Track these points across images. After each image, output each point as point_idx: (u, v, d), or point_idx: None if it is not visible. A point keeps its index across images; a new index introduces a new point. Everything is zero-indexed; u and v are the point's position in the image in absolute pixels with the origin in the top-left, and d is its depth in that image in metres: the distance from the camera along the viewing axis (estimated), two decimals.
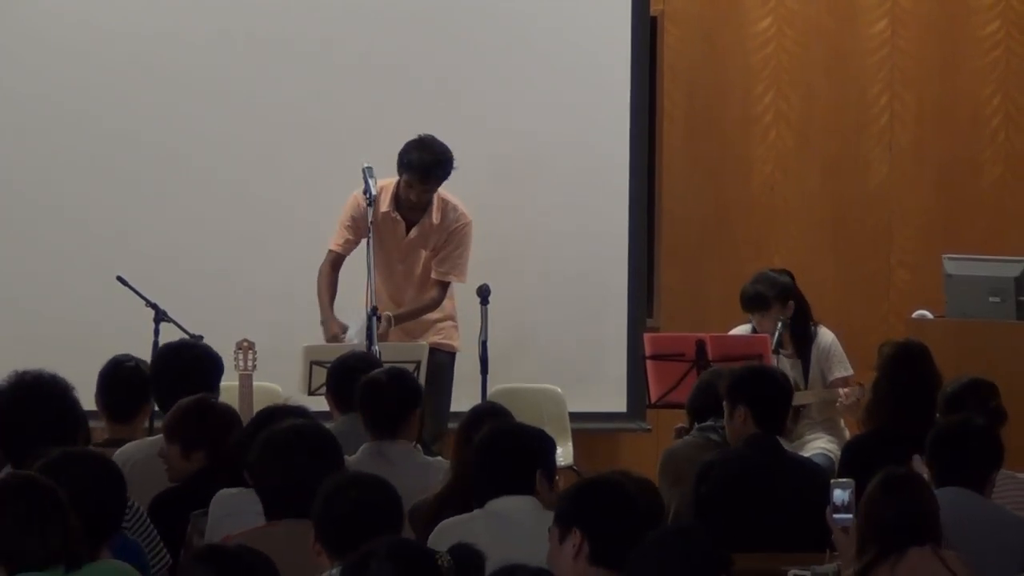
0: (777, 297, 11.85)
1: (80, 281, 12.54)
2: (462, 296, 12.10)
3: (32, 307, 12.65)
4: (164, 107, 13.07)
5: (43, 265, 12.86)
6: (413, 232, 12.14)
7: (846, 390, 11.58)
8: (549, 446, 7.72)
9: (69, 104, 13.07)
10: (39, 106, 13.06)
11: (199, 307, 11.65)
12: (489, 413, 8.64)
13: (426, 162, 12.00)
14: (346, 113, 12.93)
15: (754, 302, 11.89)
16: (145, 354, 10.06)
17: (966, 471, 7.99)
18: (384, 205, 12.01)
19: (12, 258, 12.89)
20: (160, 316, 11.41)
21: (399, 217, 12.11)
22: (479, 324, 11.65)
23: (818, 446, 11.21)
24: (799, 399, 10.79)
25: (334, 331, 11.98)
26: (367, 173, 11.88)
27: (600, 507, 6.53)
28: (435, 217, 12.14)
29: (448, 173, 12.10)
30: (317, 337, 11.92)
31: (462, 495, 7.65)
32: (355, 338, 11.73)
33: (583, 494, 6.62)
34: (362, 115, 12.86)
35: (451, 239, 12.19)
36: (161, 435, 8.89)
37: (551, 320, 12.95)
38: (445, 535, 6.88)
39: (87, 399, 8.80)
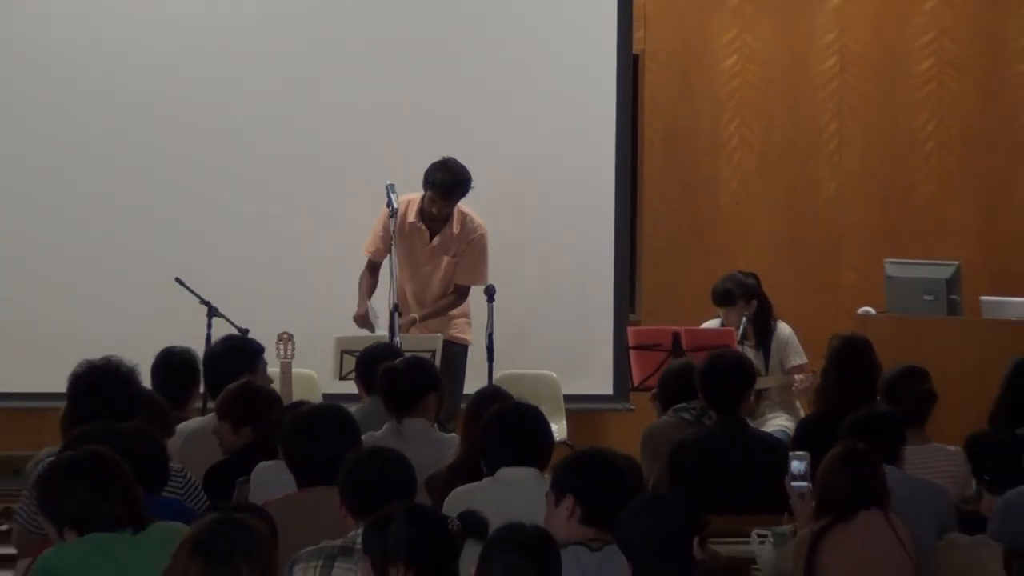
0: (742, 295, 11.91)
1: (142, 282, 12.49)
2: (472, 296, 12.07)
3: (100, 305, 12.60)
4: (217, 122, 13.04)
5: (109, 268, 12.82)
6: (436, 240, 12.10)
7: (801, 376, 11.62)
8: (546, 424, 7.73)
9: (135, 125, 13.02)
10: (109, 127, 13.00)
11: (246, 304, 11.59)
12: (492, 395, 8.65)
13: (448, 182, 11.95)
14: (373, 138, 12.92)
15: (723, 298, 11.95)
16: (199, 345, 10.06)
17: (882, 443, 8.00)
18: (411, 216, 11.98)
19: (84, 262, 12.83)
20: (212, 312, 11.38)
21: (423, 227, 12.06)
22: (486, 320, 11.63)
23: (777, 424, 11.22)
24: (761, 383, 10.81)
25: (361, 312, 11.99)
26: (390, 190, 11.86)
27: (590, 476, 6.52)
28: (455, 227, 12.12)
29: (466, 191, 12.04)
30: (347, 330, 11.86)
31: (471, 466, 7.63)
32: (383, 329, 11.74)
33: (575, 465, 6.62)
34: (387, 139, 12.84)
35: (471, 248, 12.15)
36: (213, 414, 8.95)
37: (548, 316, 12.94)
38: (458, 500, 6.88)
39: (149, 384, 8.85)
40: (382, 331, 11.71)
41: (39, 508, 6.44)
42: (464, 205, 12.18)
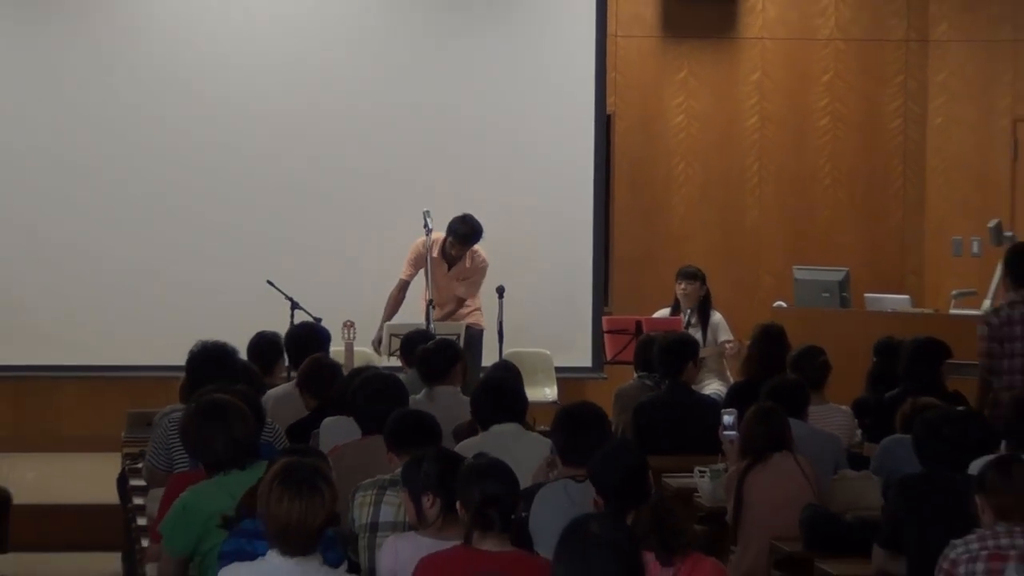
0: (700, 279, 12.00)
1: (242, 281, 12.40)
2: (487, 295, 12.00)
3: (211, 299, 12.54)
4: (299, 144, 12.91)
5: (219, 270, 12.77)
6: (452, 271, 12.12)
7: (730, 344, 11.69)
8: (521, 392, 7.75)
9: (228, 144, 12.88)
10: (206, 148, 12.86)
11: (320, 298, 11.51)
12: (503, 367, 8.65)
13: (465, 233, 11.98)
14: (410, 179, 12.84)
15: (692, 275, 12.00)
16: (283, 330, 10.04)
17: (790, 404, 7.99)
18: (435, 252, 11.96)
19: (200, 265, 12.78)
20: (295, 305, 11.35)
21: (443, 261, 12.09)
22: (498, 312, 11.65)
23: (712, 388, 11.18)
24: (703, 353, 10.88)
25: (375, 338, 11.95)
26: (426, 215, 11.86)
27: (575, 426, 6.53)
28: (467, 262, 12.12)
29: (478, 240, 12.05)
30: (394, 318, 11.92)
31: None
32: (384, 358, 11.69)
33: (565, 418, 6.62)
34: (422, 182, 12.77)
35: (475, 272, 12.17)
36: (293, 381, 8.94)
37: (544, 309, 12.86)
38: (466, 449, 6.82)
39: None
40: (385, 358, 11.62)
41: (182, 443, 6.50)
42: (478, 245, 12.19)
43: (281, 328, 10.02)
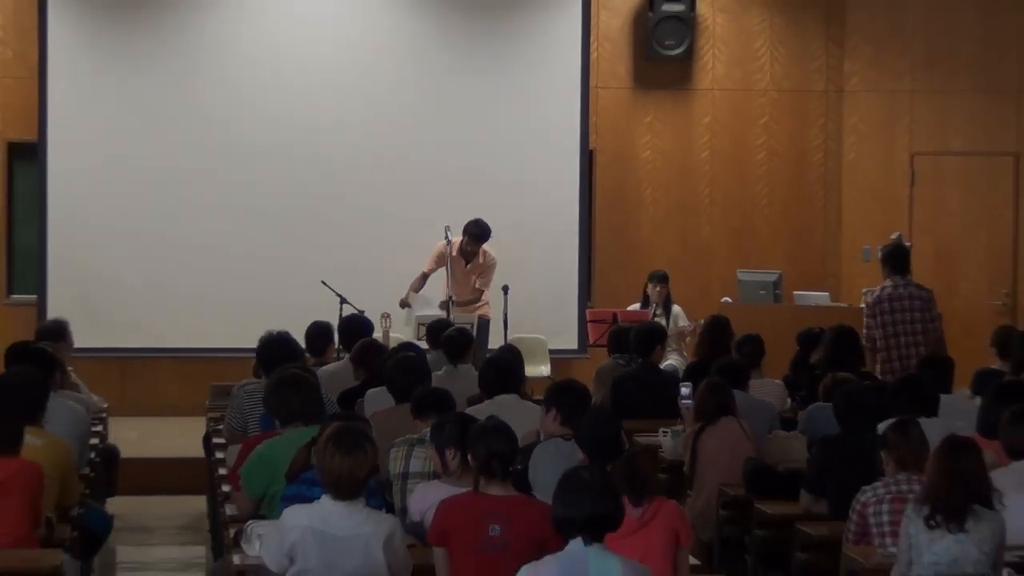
0: (666, 280, 12.10)
1: (302, 280, 12.25)
2: (495, 292, 11.97)
3: (276, 294, 12.45)
4: (346, 174, 12.84)
5: (278, 271, 12.70)
6: (468, 266, 12.12)
7: (690, 326, 11.77)
8: (519, 370, 7.78)
9: (291, 174, 12.81)
10: (272, 169, 12.79)
11: (362, 294, 11.47)
12: (508, 350, 8.65)
13: (477, 233, 12.04)
14: (432, 200, 12.77)
15: (661, 278, 12.09)
16: (333, 320, 10.02)
17: (734, 378, 7.98)
18: (454, 252, 12.00)
19: (264, 267, 12.73)
20: (343, 300, 11.33)
21: (461, 258, 12.09)
22: (503, 306, 11.65)
23: (672, 363, 11.18)
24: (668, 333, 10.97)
25: (402, 299, 12.01)
26: (447, 229, 11.95)
27: (565, 396, 6.52)
28: (480, 259, 12.13)
29: (487, 238, 12.10)
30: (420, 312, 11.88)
31: None
32: (415, 311, 11.84)
33: (556, 390, 6.62)
34: (442, 202, 12.69)
35: (487, 267, 12.16)
36: (342, 360, 8.92)
37: (540, 304, 12.76)
38: (475, 413, 6.80)
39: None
40: (419, 311, 11.75)
41: (265, 403, 6.57)
42: (486, 246, 12.19)
43: (331, 319, 10.01)
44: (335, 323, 9.73)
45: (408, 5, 12.98)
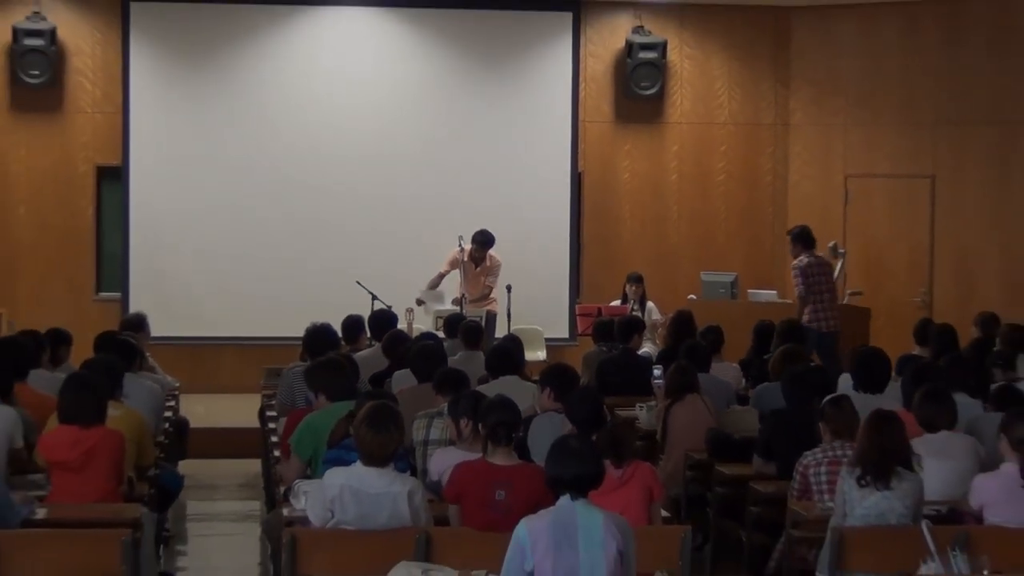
0: (642, 280, 12.05)
1: (338, 280, 12.20)
2: (500, 291, 11.90)
3: (316, 293, 12.38)
4: (377, 189, 12.79)
5: (319, 272, 12.64)
6: (479, 268, 12.07)
7: (660, 319, 11.70)
8: (519, 355, 7.74)
9: (330, 190, 12.79)
10: (314, 180, 12.78)
11: (389, 291, 11.47)
12: (511, 339, 8.64)
13: (482, 240, 12.02)
14: (447, 213, 12.70)
15: (638, 279, 12.04)
16: (366, 314, 9.99)
17: (698, 362, 7.96)
18: (466, 258, 11.97)
19: (308, 269, 12.70)
20: (374, 297, 11.32)
21: (472, 262, 12.05)
22: (507, 302, 11.61)
23: (647, 350, 11.14)
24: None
25: (418, 296, 11.91)
26: (460, 239, 11.94)
27: (557, 377, 6.51)
28: (487, 262, 12.09)
29: (492, 245, 12.07)
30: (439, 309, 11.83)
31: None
32: (430, 304, 11.78)
33: (550, 372, 6.62)
34: (455, 215, 12.63)
35: (494, 268, 12.12)
36: (374, 347, 8.90)
37: (538, 300, 12.70)
38: (483, 391, 6.79)
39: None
40: (435, 307, 11.69)
41: (310, 382, 6.52)
42: (492, 251, 12.15)
43: (364, 313, 10.00)
44: (367, 316, 9.72)
45: (428, 57, 12.95)
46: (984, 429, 6.27)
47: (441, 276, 12.23)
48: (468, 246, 12.08)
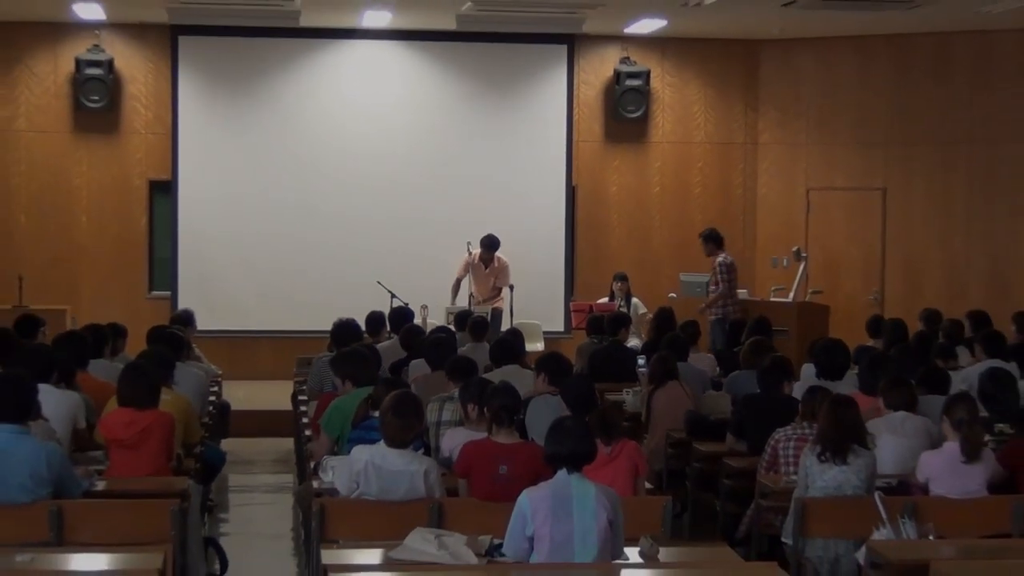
0: (627, 279, 11.98)
1: (361, 280, 12.11)
2: (505, 289, 11.92)
3: (342, 291, 12.28)
4: (395, 202, 12.75)
5: (345, 272, 12.57)
6: (488, 270, 12.03)
7: (648, 315, 11.59)
8: (520, 347, 7.70)
9: (354, 205, 12.76)
10: (340, 190, 12.77)
11: (407, 291, 11.41)
12: (513, 332, 8.62)
13: (488, 243, 11.98)
14: (457, 222, 12.61)
15: (622, 277, 11.97)
16: (386, 311, 9.97)
17: (678, 352, 7.94)
18: (475, 260, 11.94)
19: (335, 270, 12.66)
20: (392, 295, 11.29)
21: (481, 264, 12.01)
22: (510, 300, 11.60)
23: (633, 343, 11.10)
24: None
25: (447, 306, 11.81)
26: (469, 244, 11.93)
27: (551, 364, 6.50)
28: (495, 263, 12.04)
29: (497, 247, 12.02)
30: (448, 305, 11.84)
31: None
32: (454, 308, 11.65)
33: (544, 359, 6.60)
34: (463, 224, 12.56)
35: (502, 269, 12.07)
36: (392, 339, 8.87)
37: (537, 298, 12.66)
38: (491, 379, 6.75)
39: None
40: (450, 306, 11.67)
41: (337, 370, 6.49)
42: (499, 253, 12.09)
43: (384, 309, 9.98)
44: (387, 312, 9.70)
45: (440, 84, 12.93)
46: (925, 410, 6.25)
47: (459, 281, 12.20)
48: (476, 250, 12.06)
